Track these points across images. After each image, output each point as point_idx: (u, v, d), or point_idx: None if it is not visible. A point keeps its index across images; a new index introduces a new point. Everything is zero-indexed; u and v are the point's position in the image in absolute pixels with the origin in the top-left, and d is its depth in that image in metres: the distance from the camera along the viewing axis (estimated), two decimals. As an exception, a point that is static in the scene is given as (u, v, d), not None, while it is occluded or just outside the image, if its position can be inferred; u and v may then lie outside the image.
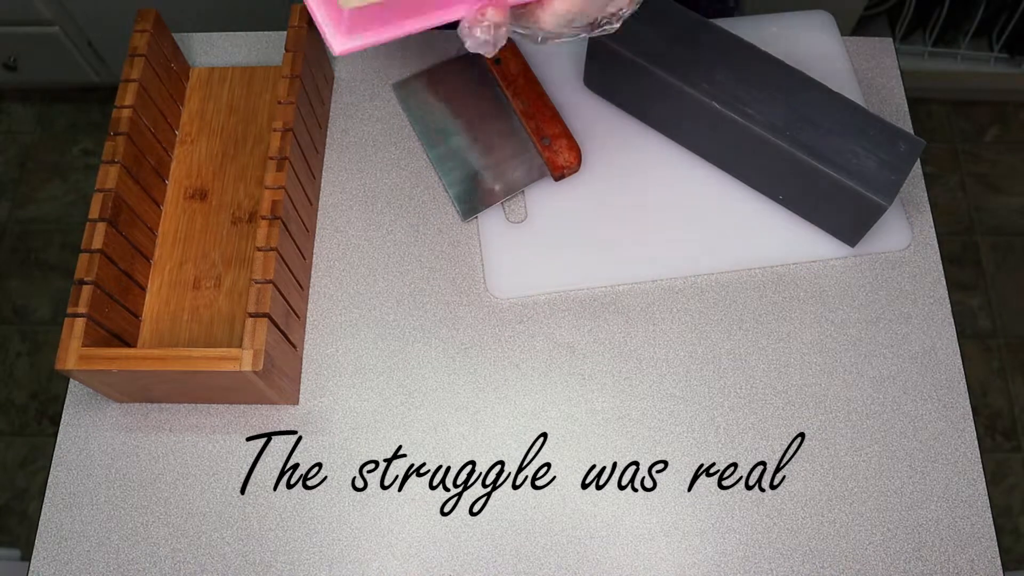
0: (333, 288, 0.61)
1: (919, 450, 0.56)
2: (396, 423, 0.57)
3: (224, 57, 0.71)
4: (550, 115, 0.64)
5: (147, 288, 0.60)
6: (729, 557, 0.53)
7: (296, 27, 0.61)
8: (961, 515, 0.54)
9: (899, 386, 0.57)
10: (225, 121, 0.66)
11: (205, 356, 0.50)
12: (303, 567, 0.53)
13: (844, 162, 0.56)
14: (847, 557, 0.53)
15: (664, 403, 0.57)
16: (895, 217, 0.62)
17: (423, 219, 0.64)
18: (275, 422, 0.57)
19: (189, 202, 0.63)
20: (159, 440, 0.57)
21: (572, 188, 0.64)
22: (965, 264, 1.45)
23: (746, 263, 0.61)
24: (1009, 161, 1.54)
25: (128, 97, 0.58)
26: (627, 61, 0.60)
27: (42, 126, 1.59)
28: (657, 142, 0.65)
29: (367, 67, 0.70)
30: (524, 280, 0.61)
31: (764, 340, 0.59)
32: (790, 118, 0.57)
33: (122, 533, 0.55)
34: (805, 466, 0.55)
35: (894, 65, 0.69)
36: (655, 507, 0.54)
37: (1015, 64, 1.50)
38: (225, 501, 0.55)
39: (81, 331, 0.51)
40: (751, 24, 0.69)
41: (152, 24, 0.61)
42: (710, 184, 0.64)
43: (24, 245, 1.48)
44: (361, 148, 0.67)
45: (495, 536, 0.54)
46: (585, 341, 0.59)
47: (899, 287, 0.61)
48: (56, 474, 0.56)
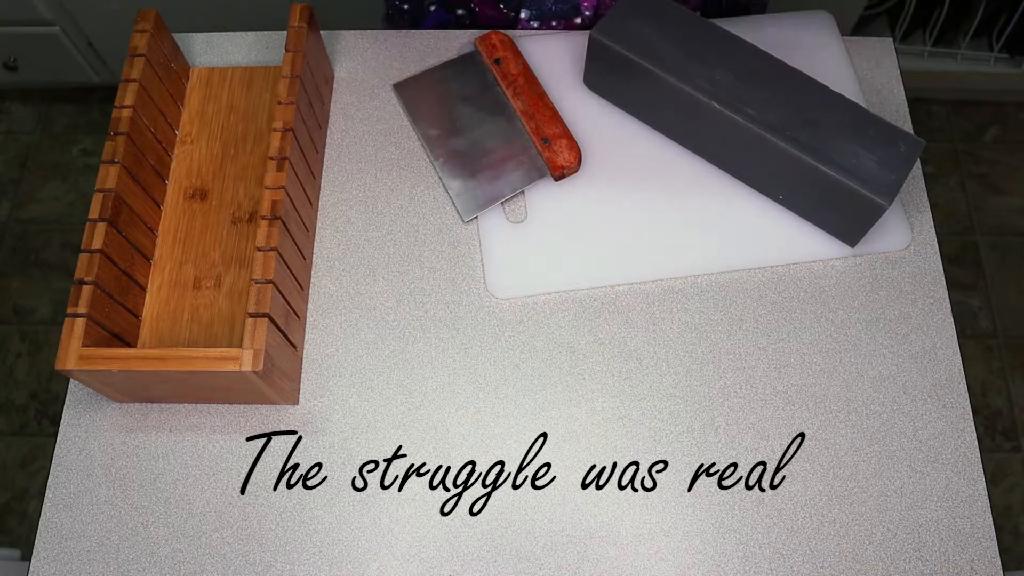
0: (333, 288, 0.61)
1: (919, 450, 0.56)
2: (396, 423, 0.57)
3: (224, 57, 0.71)
4: (550, 115, 0.64)
5: (147, 288, 0.60)
6: (729, 557, 0.53)
7: (296, 27, 0.61)
8: (961, 515, 0.54)
9: (899, 386, 0.57)
10: (225, 121, 0.66)
11: (205, 356, 0.50)
12: (303, 567, 0.53)
13: (844, 162, 0.56)
14: (847, 557, 0.53)
15: (664, 403, 0.57)
16: (895, 217, 0.62)
17: (423, 219, 0.64)
18: (275, 422, 0.57)
19: (189, 202, 0.63)
20: (159, 440, 0.57)
21: (572, 188, 0.64)
22: (965, 264, 1.45)
23: (746, 263, 0.61)
24: (1009, 161, 1.54)
25: (128, 97, 0.58)
26: (627, 61, 0.60)
27: (42, 126, 1.59)
28: (657, 142, 0.65)
29: (367, 67, 0.70)
30: (524, 280, 0.61)
31: (764, 340, 0.59)
32: (790, 118, 0.57)
33: (122, 533, 0.55)
34: (805, 466, 0.55)
35: (894, 65, 0.69)
36: (655, 507, 0.54)
37: (1015, 64, 1.51)
38: (225, 501, 0.55)
39: (81, 331, 0.51)
40: (751, 24, 0.69)
41: (152, 24, 0.61)
42: (710, 184, 0.64)
43: (24, 245, 1.48)
44: (361, 148, 0.67)
45: (495, 536, 0.54)
46: (585, 341, 0.59)
47: (899, 287, 0.61)
48: (56, 474, 0.56)
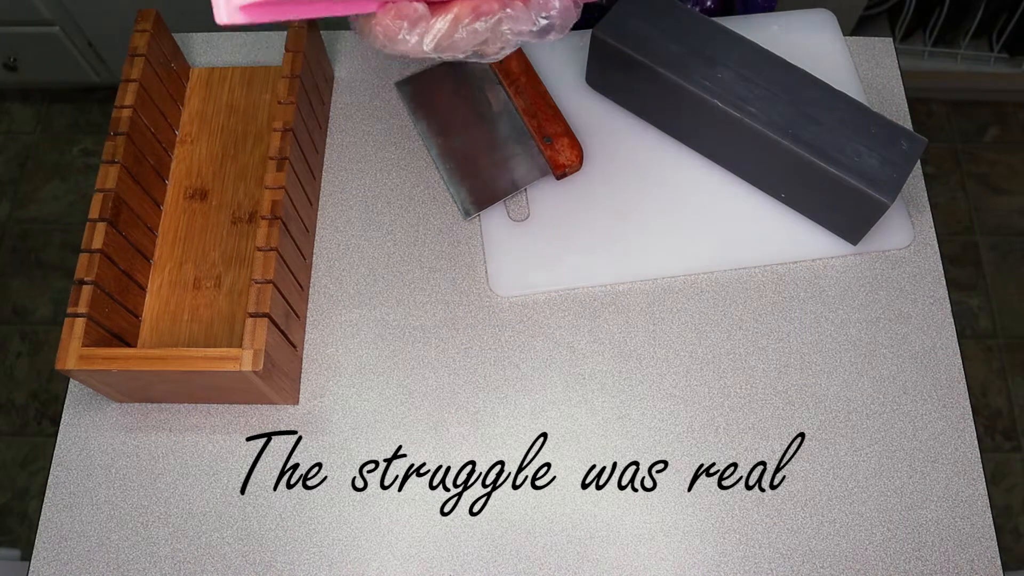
0: (333, 288, 0.61)
1: (919, 450, 0.56)
2: (396, 423, 0.57)
3: (224, 57, 0.71)
4: (552, 114, 0.64)
5: (147, 288, 0.60)
6: (729, 557, 0.53)
7: (296, 27, 0.61)
8: (961, 515, 0.54)
9: (899, 386, 0.57)
10: (225, 121, 0.66)
11: (205, 356, 0.50)
12: (303, 567, 0.53)
13: (846, 160, 0.56)
14: (847, 557, 0.53)
15: (664, 403, 0.57)
16: (897, 215, 0.62)
17: (423, 218, 0.64)
18: (275, 422, 0.57)
19: (189, 202, 0.63)
20: (159, 440, 0.57)
21: (574, 187, 0.64)
22: (965, 264, 1.45)
23: (748, 261, 0.61)
24: (1009, 161, 1.54)
25: (128, 97, 0.58)
26: (629, 59, 0.60)
27: (42, 126, 1.59)
28: (659, 140, 0.65)
29: (367, 67, 0.70)
30: (526, 278, 0.61)
31: (764, 340, 0.59)
32: (792, 116, 0.57)
33: (122, 533, 0.54)
34: (805, 466, 0.55)
35: (894, 65, 0.69)
36: (655, 507, 0.54)
37: (1015, 64, 1.50)
38: (225, 501, 0.55)
39: (81, 331, 0.51)
40: (753, 22, 0.69)
41: (152, 24, 0.61)
42: (712, 182, 0.64)
43: (24, 245, 1.48)
44: (361, 148, 0.67)
45: (495, 536, 0.54)
46: (585, 341, 0.59)
47: (899, 287, 0.61)
48: (56, 474, 0.56)
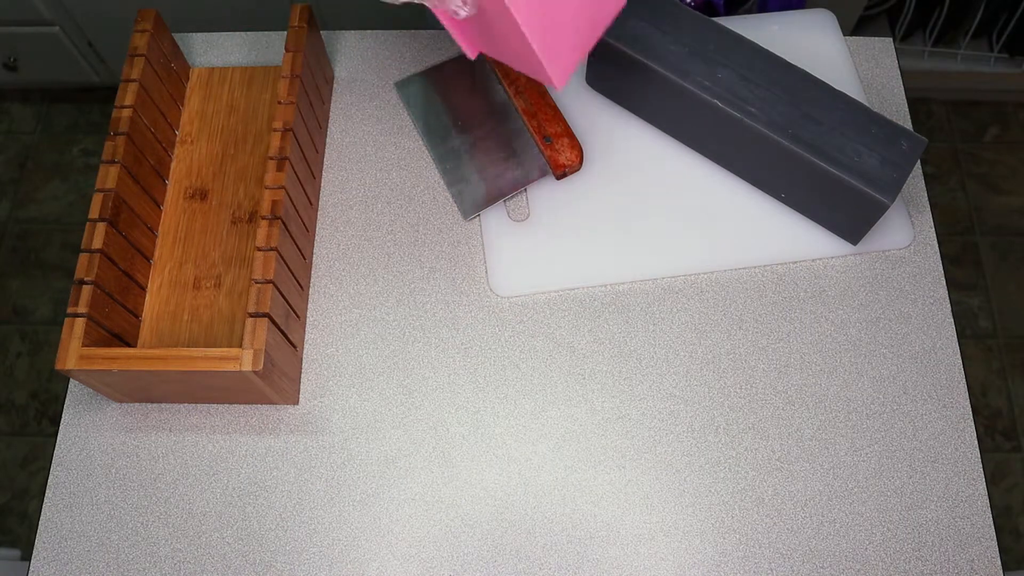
0: (333, 288, 0.61)
1: (919, 450, 0.56)
2: (396, 423, 0.57)
3: (224, 57, 0.71)
4: (552, 113, 0.64)
5: (147, 288, 0.60)
6: (729, 557, 0.53)
7: (296, 27, 0.61)
8: (961, 515, 0.54)
9: (899, 386, 0.57)
10: (225, 121, 0.66)
11: (205, 356, 0.50)
12: (303, 567, 0.53)
13: (846, 160, 0.56)
14: (847, 557, 0.53)
15: (664, 403, 0.57)
16: (897, 215, 0.62)
17: (423, 218, 0.64)
18: (275, 422, 0.57)
19: (189, 202, 0.63)
20: (159, 440, 0.57)
21: (574, 186, 0.64)
22: (965, 264, 1.45)
23: (748, 261, 0.61)
24: (1009, 161, 1.54)
25: (128, 97, 0.58)
26: (629, 59, 0.60)
27: (42, 126, 1.59)
28: (659, 140, 0.65)
29: (367, 67, 0.70)
30: (526, 278, 0.61)
31: (764, 340, 0.59)
32: (792, 116, 0.57)
33: (122, 533, 0.55)
34: (805, 466, 0.55)
35: (894, 65, 0.69)
36: (655, 507, 0.54)
37: (1015, 64, 1.50)
38: (225, 501, 0.55)
39: (81, 331, 0.51)
40: (753, 22, 0.69)
41: (152, 24, 0.61)
42: (712, 182, 0.64)
43: (24, 245, 1.48)
44: (361, 148, 0.67)
45: (495, 536, 0.54)
46: (585, 341, 0.59)
47: (899, 287, 0.61)
48: (56, 474, 0.56)
